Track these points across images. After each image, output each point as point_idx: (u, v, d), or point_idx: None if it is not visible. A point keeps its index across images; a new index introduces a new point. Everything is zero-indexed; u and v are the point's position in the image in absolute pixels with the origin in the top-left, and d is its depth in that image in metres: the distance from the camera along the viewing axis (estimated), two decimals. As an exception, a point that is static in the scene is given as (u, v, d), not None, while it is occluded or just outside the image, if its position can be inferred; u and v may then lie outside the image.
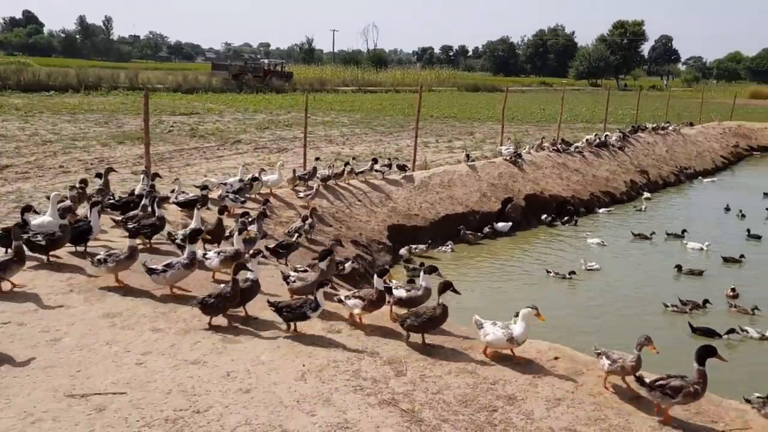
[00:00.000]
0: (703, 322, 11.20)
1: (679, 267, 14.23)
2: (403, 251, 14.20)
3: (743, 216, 19.71)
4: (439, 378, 6.16)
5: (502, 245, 15.97)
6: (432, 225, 15.70)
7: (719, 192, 24.29)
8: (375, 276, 7.44)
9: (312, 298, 7.03)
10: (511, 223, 16.97)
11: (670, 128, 31.00)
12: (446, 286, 6.90)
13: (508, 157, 19.59)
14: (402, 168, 16.88)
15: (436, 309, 6.79)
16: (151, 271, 7.74)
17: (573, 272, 13.57)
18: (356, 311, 7.31)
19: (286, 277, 8.12)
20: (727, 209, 20.62)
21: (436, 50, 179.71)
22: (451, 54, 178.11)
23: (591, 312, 11.83)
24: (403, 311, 7.37)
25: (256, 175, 13.33)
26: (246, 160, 18.99)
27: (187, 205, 11.32)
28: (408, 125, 30.56)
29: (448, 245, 15.06)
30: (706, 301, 12.03)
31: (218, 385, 5.79)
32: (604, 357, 6.03)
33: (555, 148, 22.02)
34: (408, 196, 16.02)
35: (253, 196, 13.05)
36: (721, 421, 5.67)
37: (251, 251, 7.94)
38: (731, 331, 10.75)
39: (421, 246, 14.41)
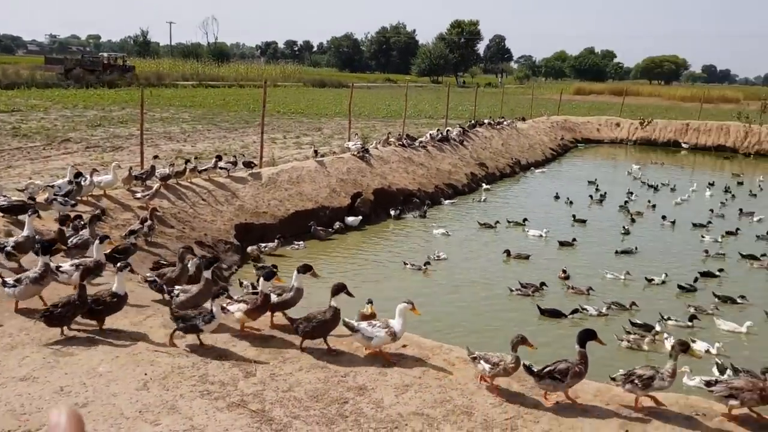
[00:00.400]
0: (547, 304, 11.98)
1: (508, 252, 15.17)
2: (251, 250, 13.93)
3: (570, 203, 21.40)
4: (289, 375, 6.11)
5: (353, 240, 16.16)
6: (282, 222, 15.54)
7: (549, 181, 26.22)
8: (261, 279, 7.14)
9: (208, 309, 6.62)
10: (360, 218, 17.21)
11: (505, 123, 32.95)
12: (339, 289, 6.72)
13: (355, 153, 19.84)
14: (248, 165, 16.55)
15: (327, 313, 6.61)
16: (4, 284, 7.09)
17: (428, 263, 14.01)
18: (237, 315, 6.94)
19: (168, 291, 7.57)
20: (557, 197, 22.30)
21: (281, 45, 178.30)
22: (296, 49, 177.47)
23: (443, 300, 12.28)
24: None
25: (83, 173, 12.37)
26: (76, 161, 17.70)
27: (11, 211, 10.35)
28: (254, 121, 30.04)
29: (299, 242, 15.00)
30: (542, 284, 12.90)
31: (51, 402, 5.36)
32: (482, 361, 6.04)
33: (400, 143, 22.63)
34: (255, 194, 15.73)
35: (84, 198, 12.18)
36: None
37: (119, 264, 7.34)
38: (575, 311, 11.58)
39: (271, 244, 14.21)
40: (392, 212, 18.39)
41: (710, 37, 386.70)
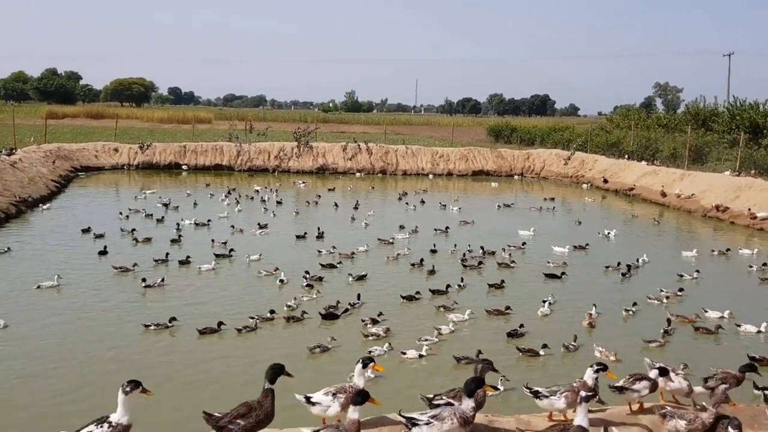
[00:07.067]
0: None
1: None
2: None
3: (101, 235, 19.75)
4: None
5: None
6: None
7: (68, 215, 23.65)
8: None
9: None
10: None
11: (-5, 155, 28.32)
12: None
13: None
14: None
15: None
16: None
17: None
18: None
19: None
20: (87, 230, 20.36)
21: None
22: None
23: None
24: None
25: None
26: None
27: None
28: None
29: None
30: None
31: None
32: None
33: None
34: None
35: None
36: None
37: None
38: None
39: None
40: None
41: (173, 61, 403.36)
